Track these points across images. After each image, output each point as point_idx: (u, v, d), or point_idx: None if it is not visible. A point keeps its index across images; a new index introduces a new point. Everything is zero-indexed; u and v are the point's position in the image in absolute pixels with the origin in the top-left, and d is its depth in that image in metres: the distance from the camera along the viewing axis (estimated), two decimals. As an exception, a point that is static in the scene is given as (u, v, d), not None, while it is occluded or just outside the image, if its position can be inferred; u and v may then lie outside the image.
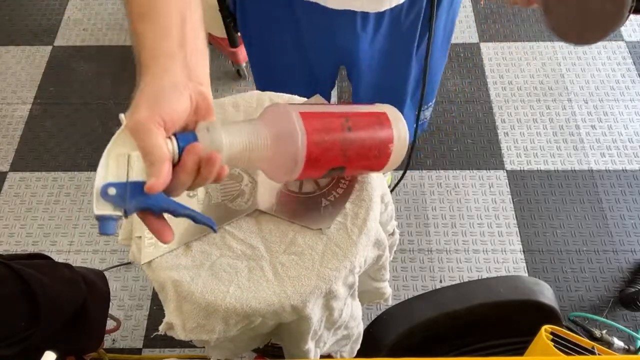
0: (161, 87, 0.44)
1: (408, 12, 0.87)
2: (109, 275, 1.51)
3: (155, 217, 0.47)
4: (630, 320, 1.45)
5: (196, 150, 0.45)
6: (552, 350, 0.68)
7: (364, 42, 0.90)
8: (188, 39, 0.47)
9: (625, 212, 1.62)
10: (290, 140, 0.52)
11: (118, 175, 0.44)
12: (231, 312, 0.61)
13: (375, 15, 0.86)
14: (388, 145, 0.59)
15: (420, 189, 1.68)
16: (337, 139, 0.55)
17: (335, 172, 0.58)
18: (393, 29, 0.90)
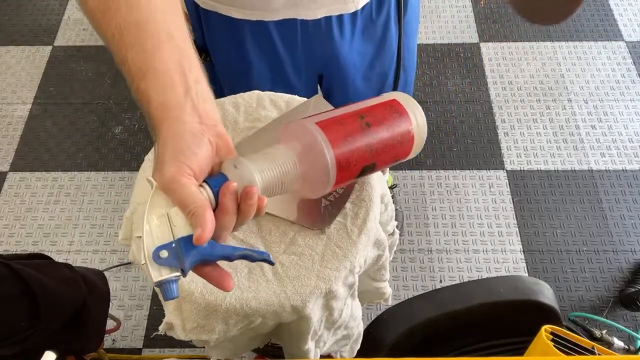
0: (180, 138, 0.44)
1: (378, 7, 0.89)
2: (109, 275, 1.51)
3: (212, 266, 0.46)
4: (630, 320, 1.45)
5: (231, 189, 0.45)
6: (552, 350, 0.68)
7: (344, 47, 0.91)
8: (191, 85, 0.47)
9: (625, 212, 1.62)
10: (317, 155, 0.52)
11: (163, 237, 0.43)
12: (231, 312, 0.61)
13: (350, 17, 0.86)
14: (409, 130, 0.60)
15: (420, 189, 1.68)
16: (360, 139, 0.55)
17: (367, 170, 0.58)
18: (368, 27, 0.91)
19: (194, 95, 0.46)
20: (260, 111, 0.77)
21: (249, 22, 0.86)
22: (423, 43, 2.02)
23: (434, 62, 1.98)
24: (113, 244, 1.59)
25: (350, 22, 0.88)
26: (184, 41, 0.50)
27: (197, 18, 0.91)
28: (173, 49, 0.48)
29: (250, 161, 0.47)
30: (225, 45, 0.93)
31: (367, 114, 0.58)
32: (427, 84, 1.92)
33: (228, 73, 1.00)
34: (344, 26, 0.88)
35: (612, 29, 2.04)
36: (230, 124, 0.76)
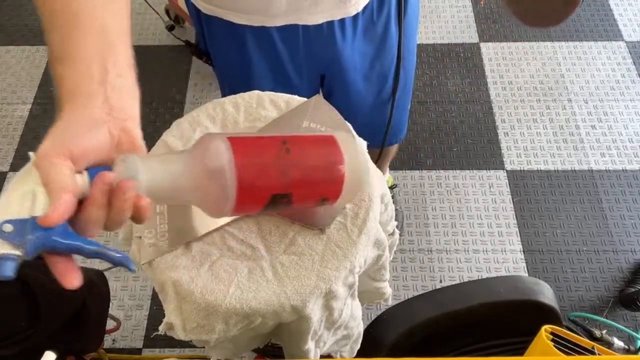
0: (74, 120, 0.44)
1: (379, 8, 0.89)
2: (109, 275, 1.50)
3: (62, 257, 0.43)
4: (630, 320, 1.45)
5: (104, 180, 0.41)
6: (552, 350, 0.68)
7: (346, 49, 0.91)
8: (110, 79, 0.46)
9: (625, 212, 1.62)
10: (217, 168, 0.47)
11: (20, 211, 0.40)
12: (231, 312, 0.61)
13: (351, 20, 0.87)
14: (338, 167, 0.54)
15: (420, 189, 1.68)
16: (274, 162, 0.51)
17: (280, 202, 0.53)
18: (369, 28, 0.91)
19: (109, 88, 0.46)
20: (260, 111, 0.77)
21: (250, 27, 0.86)
22: (423, 43, 2.02)
23: (434, 62, 1.98)
24: (113, 244, 1.58)
25: (352, 24, 0.88)
26: (117, 37, 0.49)
27: (199, 22, 0.91)
28: (100, 41, 0.47)
29: (142, 159, 0.44)
30: (227, 48, 0.93)
31: (292, 141, 0.53)
32: (427, 84, 1.92)
33: (229, 76, 1.00)
34: (345, 29, 0.88)
35: (612, 29, 2.04)
36: (230, 124, 0.76)
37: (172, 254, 0.65)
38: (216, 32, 0.90)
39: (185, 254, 0.65)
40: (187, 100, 1.89)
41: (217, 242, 0.66)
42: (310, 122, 0.75)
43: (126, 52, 0.50)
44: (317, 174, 0.54)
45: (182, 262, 0.64)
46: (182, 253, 0.65)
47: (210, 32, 0.91)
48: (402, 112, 1.15)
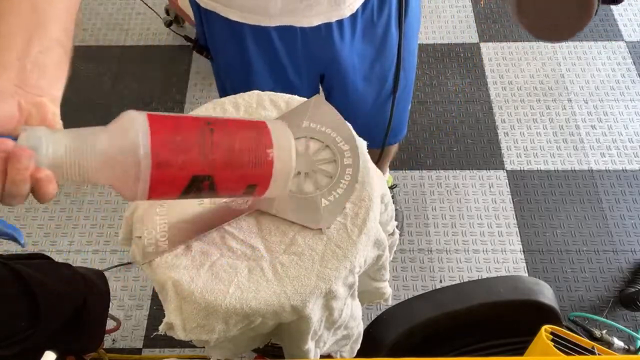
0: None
1: (379, 9, 0.88)
2: (109, 275, 1.51)
3: None
4: (630, 320, 1.45)
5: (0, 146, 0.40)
6: (552, 350, 0.68)
7: (344, 50, 0.91)
8: (31, 54, 0.46)
9: (625, 212, 1.62)
10: (130, 139, 0.44)
11: None
12: (231, 312, 0.61)
13: (350, 21, 0.86)
14: (266, 151, 0.51)
15: (420, 189, 1.68)
16: (194, 141, 0.47)
17: (202, 186, 0.49)
18: (368, 29, 0.91)
19: (28, 63, 0.45)
20: (260, 111, 0.77)
21: (249, 25, 0.86)
22: (423, 43, 2.02)
23: (434, 62, 1.98)
24: (113, 244, 1.59)
25: (350, 25, 0.88)
26: (49, 17, 0.49)
27: (199, 17, 0.91)
28: (28, 19, 0.47)
29: (48, 131, 0.42)
30: (226, 45, 0.93)
31: (218, 122, 0.50)
32: (427, 84, 1.92)
33: (229, 71, 1.00)
34: (344, 30, 0.88)
35: (612, 29, 2.04)
36: (230, 124, 0.76)
37: (172, 254, 0.65)
38: (215, 28, 0.90)
39: (185, 254, 0.65)
40: (187, 100, 1.89)
41: (217, 242, 0.66)
42: (310, 122, 0.75)
43: (59, 31, 0.50)
44: (243, 156, 0.50)
45: (182, 262, 0.64)
46: (182, 253, 0.65)
47: (210, 28, 0.91)
48: (402, 112, 1.15)
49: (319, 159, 0.72)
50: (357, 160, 0.71)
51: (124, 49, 2.02)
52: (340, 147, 0.73)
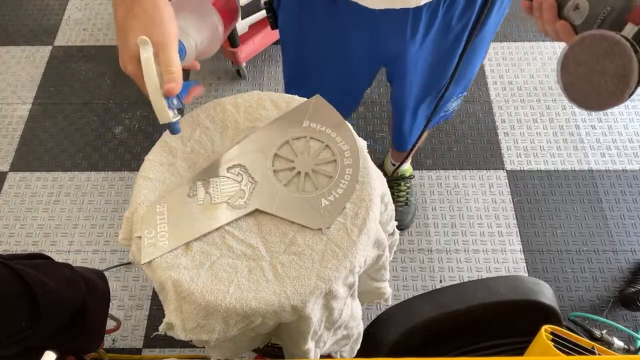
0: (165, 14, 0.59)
1: (461, 15, 0.84)
2: (109, 275, 1.51)
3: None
4: (630, 320, 1.45)
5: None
6: (552, 350, 0.68)
7: (413, 47, 0.88)
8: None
9: (625, 212, 1.62)
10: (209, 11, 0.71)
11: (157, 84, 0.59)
12: (231, 312, 0.61)
13: (427, 17, 0.82)
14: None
15: (420, 189, 1.68)
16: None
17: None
18: (443, 33, 0.87)
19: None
20: (260, 111, 0.77)
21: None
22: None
23: (434, 62, 1.98)
24: (113, 244, 1.58)
25: (425, 24, 0.84)
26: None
27: None
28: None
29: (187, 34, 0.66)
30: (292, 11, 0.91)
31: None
32: (427, 84, 1.91)
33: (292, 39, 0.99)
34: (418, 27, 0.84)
35: (612, 29, 2.04)
36: (231, 124, 0.76)
37: (172, 254, 0.65)
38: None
39: (185, 254, 0.65)
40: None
41: (217, 242, 0.66)
42: (310, 122, 0.75)
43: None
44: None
45: (182, 262, 0.64)
46: (182, 253, 0.65)
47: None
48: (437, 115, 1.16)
49: (319, 159, 0.72)
50: (357, 160, 0.71)
51: (124, 49, 2.02)
52: (340, 147, 0.73)
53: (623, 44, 0.51)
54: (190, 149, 0.74)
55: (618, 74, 0.52)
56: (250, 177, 0.71)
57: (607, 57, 0.53)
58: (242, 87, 1.93)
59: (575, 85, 0.57)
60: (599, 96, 0.55)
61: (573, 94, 0.58)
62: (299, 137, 0.74)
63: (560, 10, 0.60)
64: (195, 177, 0.70)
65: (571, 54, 0.57)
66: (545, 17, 0.60)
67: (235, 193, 0.69)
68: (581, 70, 0.56)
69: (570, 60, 0.57)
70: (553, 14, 0.60)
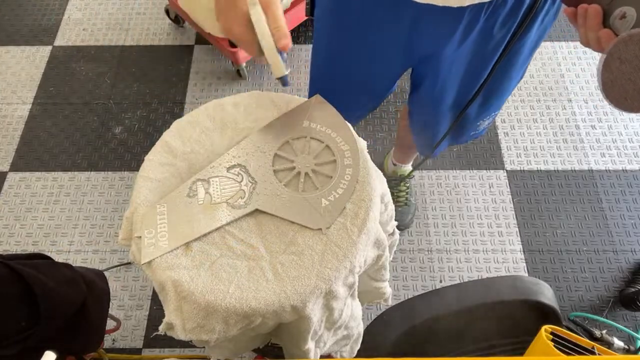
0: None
1: (503, 23, 0.82)
2: (109, 275, 1.51)
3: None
4: (630, 320, 1.45)
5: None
6: (552, 350, 0.68)
7: (449, 47, 0.86)
8: None
9: (625, 212, 1.62)
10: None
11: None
12: (231, 312, 0.61)
13: (468, 19, 0.80)
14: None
15: (420, 189, 1.68)
16: None
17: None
18: (482, 39, 0.85)
19: None
20: (260, 111, 0.77)
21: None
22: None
23: (434, 62, 1.97)
24: (113, 244, 1.58)
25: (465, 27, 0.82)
26: None
27: None
28: None
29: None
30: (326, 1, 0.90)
31: None
32: (427, 84, 1.91)
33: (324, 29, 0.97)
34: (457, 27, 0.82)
35: (612, 29, 2.04)
36: (230, 124, 0.76)
37: (172, 254, 0.65)
38: None
39: (185, 254, 0.65)
40: (187, 100, 1.89)
41: (217, 242, 0.66)
42: (310, 122, 0.75)
43: None
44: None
45: (182, 262, 0.64)
46: (182, 253, 0.65)
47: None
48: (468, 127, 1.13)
49: (319, 159, 0.72)
50: (357, 160, 0.71)
51: (124, 49, 2.02)
52: (340, 147, 0.73)
53: None
54: (190, 149, 0.74)
55: None
56: (250, 177, 0.71)
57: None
58: (242, 87, 1.93)
59: (616, 83, 0.56)
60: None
61: (613, 93, 0.56)
62: (299, 137, 0.74)
63: (606, 19, 0.59)
64: (195, 177, 0.70)
65: (616, 50, 0.55)
66: (590, 24, 0.59)
67: (235, 193, 0.69)
68: (624, 69, 0.55)
69: (614, 57, 0.55)
70: (598, 22, 0.59)
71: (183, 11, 1.86)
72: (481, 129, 1.16)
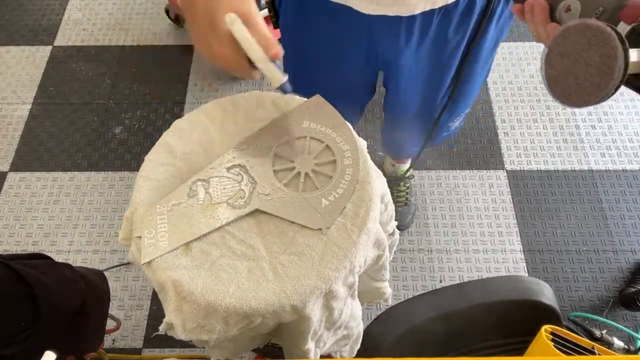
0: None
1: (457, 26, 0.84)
2: (109, 275, 1.51)
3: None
4: (630, 320, 1.45)
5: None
6: (552, 350, 0.68)
7: (407, 52, 0.88)
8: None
9: (625, 212, 1.62)
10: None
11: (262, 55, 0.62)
12: (231, 312, 0.61)
13: (421, 25, 0.82)
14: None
15: (420, 189, 1.68)
16: None
17: None
18: (438, 42, 0.87)
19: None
20: (260, 111, 0.77)
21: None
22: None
23: (434, 62, 1.98)
24: (113, 244, 1.58)
25: (419, 32, 0.84)
26: None
27: None
28: None
29: None
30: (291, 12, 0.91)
31: None
32: (427, 84, 1.92)
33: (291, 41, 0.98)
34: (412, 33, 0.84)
35: (612, 29, 2.04)
36: (230, 124, 0.76)
37: (172, 254, 0.65)
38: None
39: (185, 254, 0.65)
40: (187, 100, 1.89)
41: (217, 242, 0.66)
42: (310, 122, 0.75)
43: None
44: None
45: (182, 262, 0.64)
46: (182, 253, 0.65)
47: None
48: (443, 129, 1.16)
49: (319, 159, 0.72)
50: (357, 160, 0.71)
51: (124, 49, 2.02)
52: (340, 147, 0.73)
53: (608, 32, 0.48)
54: (190, 149, 0.74)
55: (602, 64, 0.49)
56: (250, 177, 0.71)
57: (591, 47, 0.50)
58: (242, 87, 1.93)
59: (560, 79, 0.54)
60: (583, 90, 0.52)
61: (557, 89, 0.55)
62: (299, 137, 0.74)
63: (553, 12, 0.58)
64: (195, 177, 0.70)
65: (555, 45, 0.54)
66: (537, 19, 0.59)
67: (235, 193, 0.69)
68: (565, 63, 0.53)
69: (554, 52, 0.54)
70: (545, 16, 0.59)
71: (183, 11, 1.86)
72: (453, 128, 1.20)
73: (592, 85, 0.50)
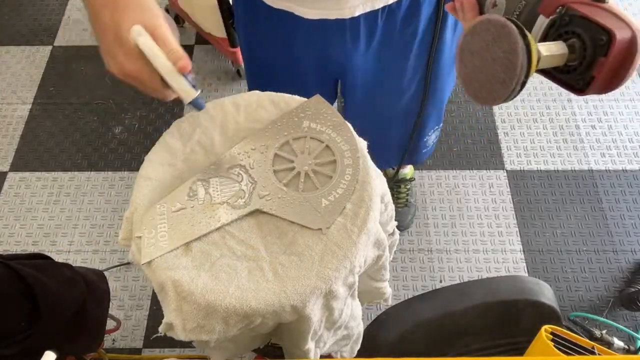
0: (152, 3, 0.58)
1: (404, 26, 0.84)
2: (109, 275, 1.51)
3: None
4: (630, 320, 1.45)
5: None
6: (552, 350, 0.68)
7: (356, 56, 0.88)
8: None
9: (625, 212, 1.62)
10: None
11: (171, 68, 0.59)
12: (231, 313, 0.61)
13: (366, 27, 0.83)
14: None
15: (420, 189, 1.68)
16: None
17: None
18: (387, 43, 0.87)
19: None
20: (260, 111, 0.77)
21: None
22: (423, 43, 2.02)
23: (434, 62, 1.97)
24: (113, 244, 1.58)
25: (366, 33, 0.84)
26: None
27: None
28: None
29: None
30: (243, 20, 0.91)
31: None
32: (427, 84, 1.91)
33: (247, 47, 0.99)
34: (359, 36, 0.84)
35: (612, 29, 2.04)
36: (231, 124, 0.76)
37: (172, 254, 0.65)
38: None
39: (185, 254, 0.65)
40: (187, 100, 1.89)
41: (217, 242, 0.66)
42: (310, 122, 0.75)
43: None
44: None
45: (182, 262, 0.64)
46: (182, 253, 0.65)
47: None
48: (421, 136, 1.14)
49: (319, 159, 0.72)
50: (357, 160, 0.71)
51: (124, 49, 2.02)
52: (340, 147, 0.73)
53: (509, 27, 0.46)
54: (190, 149, 0.74)
55: (505, 59, 0.48)
56: (250, 177, 0.71)
57: (495, 43, 0.48)
58: (242, 87, 1.92)
59: (472, 77, 0.52)
60: (492, 87, 0.50)
61: (470, 88, 0.53)
62: (299, 137, 0.74)
63: (482, 8, 0.58)
64: (195, 177, 0.70)
65: (465, 43, 0.52)
66: (467, 17, 0.59)
67: (235, 193, 0.69)
68: (475, 61, 0.51)
69: (465, 50, 0.52)
70: (474, 13, 0.58)
71: (183, 11, 1.86)
72: (430, 144, 1.19)
73: (499, 82, 0.49)
